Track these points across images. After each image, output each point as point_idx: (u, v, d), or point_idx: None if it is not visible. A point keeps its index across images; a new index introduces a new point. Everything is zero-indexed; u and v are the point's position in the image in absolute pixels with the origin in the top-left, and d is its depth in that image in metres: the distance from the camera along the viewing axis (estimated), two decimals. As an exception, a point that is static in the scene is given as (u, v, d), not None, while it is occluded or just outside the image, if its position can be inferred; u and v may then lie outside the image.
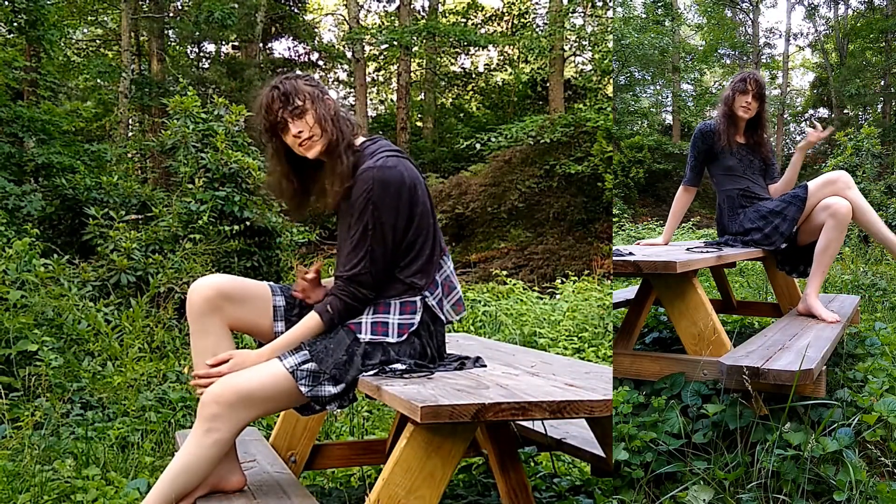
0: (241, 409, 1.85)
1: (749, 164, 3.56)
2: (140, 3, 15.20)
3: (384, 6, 22.02)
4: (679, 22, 21.54)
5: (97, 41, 18.26)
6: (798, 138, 23.99)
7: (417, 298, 2.01)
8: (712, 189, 3.72)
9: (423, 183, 2.05)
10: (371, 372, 1.91)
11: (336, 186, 2.00)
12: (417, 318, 2.00)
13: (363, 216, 1.94)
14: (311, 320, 1.98)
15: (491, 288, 8.77)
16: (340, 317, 1.98)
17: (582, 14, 17.20)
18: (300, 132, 2.00)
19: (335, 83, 23.12)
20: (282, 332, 2.05)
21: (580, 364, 2.22)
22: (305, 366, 1.89)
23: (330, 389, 1.88)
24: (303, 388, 1.87)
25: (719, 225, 3.66)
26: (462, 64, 22.99)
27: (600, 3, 16.87)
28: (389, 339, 1.96)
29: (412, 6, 19.22)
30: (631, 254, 2.91)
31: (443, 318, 2.05)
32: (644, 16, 19.62)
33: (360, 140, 2.08)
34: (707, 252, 3.11)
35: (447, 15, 21.18)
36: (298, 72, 2.19)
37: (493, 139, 14.79)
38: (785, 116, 23.17)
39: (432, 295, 2.03)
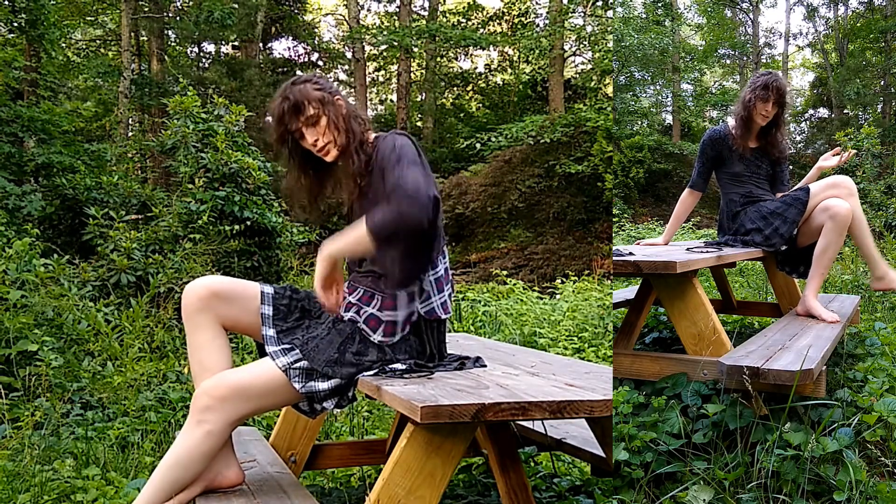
0: (233, 403, 1.86)
1: (756, 170, 3.55)
2: (140, 3, 15.19)
3: (384, 6, 22.03)
4: (679, 22, 21.54)
5: (97, 41, 18.26)
6: (798, 138, 23.99)
7: (414, 288, 2.00)
8: (713, 189, 3.72)
9: None
10: (371, 372, 1.91)
11: (351, 185, 2.04)
12: (417, 305, 1.99)
13: (401, 160, 1.85)
14: (358, 225, 1.83)
15: (491, 288, 8.78)
16: (384, 221, 1.77)
17: (582, 14, 17.21)
18: (315, 140, 2.03)
19: (335, 83, 23.12)
20: (268, 315, 2.04)
21: (580, 364, 2.22)
22: (298, 364, 1.90)
23: (322, 386, 1.90)
24: (296, 385, 1.88)
25: (720, 225, 3.66)
26: (462, 64, 23.01)
27: (600, 3, 16.87)
28: (395, 339, 1.97)
29: (412, 6, 19.22)
30: (631, 254, 2.91)
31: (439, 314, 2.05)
32: (644, 16, 19.63)
33: (372, 136, 2.09)
34: (707, 252, 3.11)
35: (447, 15, 21.17)
36: (303, 74, 2.18)
37: (493, 139, 14.80)
38: (785, 116, 23.14)
39: (431, 272, 2.03)
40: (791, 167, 3.70)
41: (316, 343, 1.95)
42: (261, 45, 18.87)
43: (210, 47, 19.39)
